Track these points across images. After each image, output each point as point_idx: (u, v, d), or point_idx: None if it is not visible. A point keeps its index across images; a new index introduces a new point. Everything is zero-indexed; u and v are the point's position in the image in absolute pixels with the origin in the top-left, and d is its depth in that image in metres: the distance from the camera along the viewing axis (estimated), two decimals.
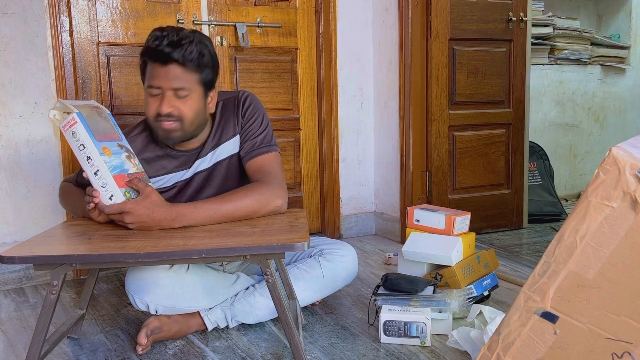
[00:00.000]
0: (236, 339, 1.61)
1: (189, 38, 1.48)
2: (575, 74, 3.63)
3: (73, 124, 1.36)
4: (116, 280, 2.19)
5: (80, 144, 1.36)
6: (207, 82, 1.54)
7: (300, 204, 2.72)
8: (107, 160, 1.37)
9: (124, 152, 1.44)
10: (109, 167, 1.36)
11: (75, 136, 1.36)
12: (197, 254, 1.21)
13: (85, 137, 1.35)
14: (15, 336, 1.68)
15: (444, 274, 1.74)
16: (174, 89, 1.48)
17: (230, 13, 2.47)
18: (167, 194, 1.64)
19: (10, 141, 2.10)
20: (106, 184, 1.36)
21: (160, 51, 1.45)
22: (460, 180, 2.71)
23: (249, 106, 1.65)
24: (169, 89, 1.48)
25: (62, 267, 1.25)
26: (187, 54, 1.46)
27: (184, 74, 1.48)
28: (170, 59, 1.46)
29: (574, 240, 0.96)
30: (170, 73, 1.47)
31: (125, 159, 1.43)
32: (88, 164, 1.36)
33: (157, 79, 1.48)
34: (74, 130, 1.36)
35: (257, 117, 1.65)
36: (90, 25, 2.21)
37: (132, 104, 2.30)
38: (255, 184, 1.53)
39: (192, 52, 1.47)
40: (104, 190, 1.36)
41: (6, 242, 2.11)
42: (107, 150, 1.39)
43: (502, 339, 1.03)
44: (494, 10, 2.70)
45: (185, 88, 1.49)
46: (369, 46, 2.76)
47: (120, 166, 1.40)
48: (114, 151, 1.41)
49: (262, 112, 1.67)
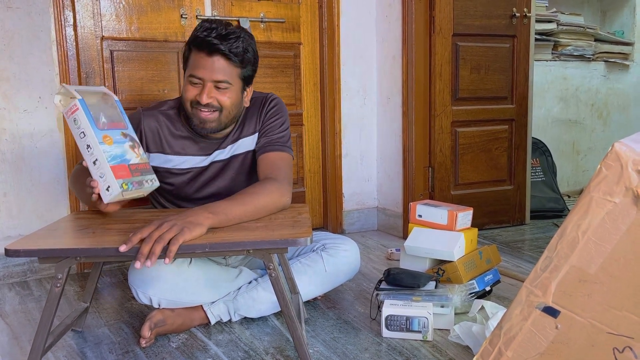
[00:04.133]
0: (239, 333, 1.62)
1: (235, 33, 1.52)
2: (579, 70, 3.62)
3: (75, 110, 1.32)
4: (119, 274, 2.21)
5: (81, 131, 1.32)
6: (246, 78, 1.59)
7: (303, 199, 2.73)
8: (106, 150, 1.33)
9: (127, 142, 1.40)
10: (108, 157, 1.32)
11: (76, 123, 1.33)
12: (201, 249, 1.22)
13: (85, 125, 1.32)
14: (19, 329, 1.70)
15: (446, 269, 1.75)
16: (215, 80, 1.52)
17: (234, 8, 2.47)
18: (181, 178, 1.66)
19: (15, 135, 2.11)
20: (104, 174, 1.32)
21: (209, 41, 1.48)
22: (463, 176, 2.71)
23: (273, 107, 1.69)
24: (211, 80, 1.51)
25: (67, 261, 1.26)
26: (233, 47, 1.50)
27: (227, 67, 1.52)
28: (217, 50, 1.49)
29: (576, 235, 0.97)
30: (214, 64, 1.50)
31: (129, 148, 1.40)
32: (87, 152, 1.33)
33: (201, 69, 1.51)
34: (76, 117, 1.33)
35: (279, 119, 1.68)
36: (94, 19, 2.21)
37: (135, 98, 2.31)
38: (268, 180, 1.53)
39: (238, 46, 1.51)
40: (102, 181, 1.33)
41: (10, 236, 2.13)
42: (108, 139, 1.35)
43: (503, 334, 1.03)
44: (498, 6, 2.69)
45: (226, 81, 1.53)
46: (372, 42, 2.76)
47: (121, 156, 1.36)
48: (116, 140, 1.37)
49: (285, 116, 1.70)
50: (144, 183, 1.41)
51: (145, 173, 1.43)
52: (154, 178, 1.46)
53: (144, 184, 1.41)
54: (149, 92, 2.33)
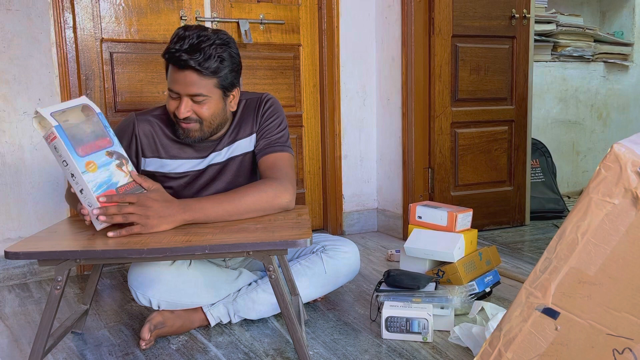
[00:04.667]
0: (239, 335, 1.62)
1: (209, 41, 1.46)
2: (579, 71, 3.62)
3: (53, 138, 1.27)
4: (119, 276, 2.21)
5: (63, 159, 1.28)
6: (226, 85, 1.53)
7: (303, 201, 2.73)
8: (90, 179, 1.28)
9: (114, 161, 1.35)
10: (93, 186, 1.29)
11: (57, 151, 1.28)
12: (201, 250, 1.22)
13: (66, 154, 1.26)
14: (19, 331, 1.70)
15: (446, 270, 1.75)
16: (190, 94, 1.49)
17: (233, 10, 2.47)
18: (178, 182, 1.65)
19: (14, 137, 2.11)
20: (91, 204, 1.30)
21: (178, 57, 1.45)
22: (463, 177, 2.72)
23: (269, 107, 1.67)
24: (186, 94, 1.49)
25: (67, 263, 1.26)
26: (203, 60, 1.45)
27: (200, 80, 1.47)
28: (187, 65, 1.45)
29: (575, 237, 0.97)
30: (187, 79, 1.47)
31: (115, 168, 1.35)
32: (73, 181, 1.30)
33: (175, 84, 1.49)
34: (55, 144, 1.27)
35: (276, 119, 1.67)
36: (94, 21, 2.21)
37: (135, 100, 2.31)
38: (264, 180, 1.54)
39: (210, 57, 1.45)
40: (91, 210, 1.31)
41: (10, 238, 2.13)
42: (92, 166, 1.30)
43: (503, 335, 1.03)
44: (497, 7, 2.69)
45: (201, 94, 1.49)
46: (371, 43, 2.76)
47: (107, 181, 1.32)
48: (102, 163, 1.32)
49: (282, 115, 1.69)
50: None
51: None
52: None
53: None
54: (149, 93, 2.33)
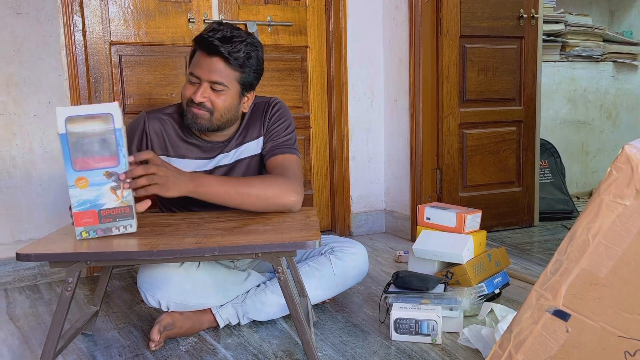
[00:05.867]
0: (248, 336, 1.62)
1: (241, 37, 1.53)
2: (587, 71, 3.60)
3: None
4: (129, 278, 2.22)
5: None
6: (246, 83, 1.58)
7: (311, 202, 2.73)
8: (75, 194, 1.27)
9: (109, 183, 1.29)
10: (75, 202, 1.27)
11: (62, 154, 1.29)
12: (210, 252, 1.23)
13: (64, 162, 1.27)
14: (30, 332, 1.71)
15: (455, 271, 1.74)
16: (211, 81, 1.53)
17: (241, 12, 2.47)
18: None
19: (25, 140, 2.12)
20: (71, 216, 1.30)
21: (210, 42, 1.50)
22: (471, 178, 2.71)
23: (277, 111, 1.70)
24: (207, 80, 1.53)
25: (77, 265, 1.27)
26: (233, 51, 1.51)
27: (225, 69, 1.53)
28: (217, 51, 1.50)
29: (586, 238, 0.96)
30: (212, 65, 1.52)
31: (108, 190, 1.30)
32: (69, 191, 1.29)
33: (199, 68, 1.53)
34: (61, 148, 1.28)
35: (284, 122, 1.69)
36: (103, 24, 2.23)
37: (143, 102, 2.32)
38: (275, 175, 1.56)
39: (240, 50, 1.52)
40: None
41: (21, 240, 2.14)
42: (83, 182, 1.27)
43: (513, 337, 1.03)
44: (505, 7, 2.69)
45: (222, 83, 1.53)
46: (379, 44, 2.76)
47: (92, 201, 1.28)
48: (94, 182, 1.28)
49: (289, 119, 1.71)
50: (113, 230, 1.31)
51: (121, 219, 1.32)
52: (131, 224, 1.33)
53: (113, 231, 1.31)
54: (157, 96, 2.34)
